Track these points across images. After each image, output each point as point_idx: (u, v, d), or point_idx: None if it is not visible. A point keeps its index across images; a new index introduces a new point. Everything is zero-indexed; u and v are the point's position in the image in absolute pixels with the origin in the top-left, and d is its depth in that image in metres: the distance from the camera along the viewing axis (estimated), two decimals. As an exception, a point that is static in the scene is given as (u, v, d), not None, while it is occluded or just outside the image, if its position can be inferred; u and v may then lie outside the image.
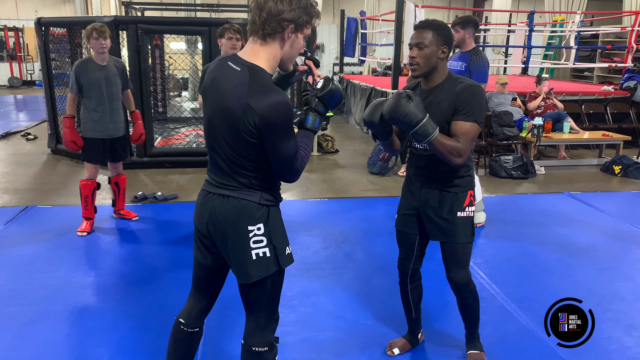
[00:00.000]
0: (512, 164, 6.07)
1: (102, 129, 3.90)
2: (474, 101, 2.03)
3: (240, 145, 1.60)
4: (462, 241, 2.21)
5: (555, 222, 4.49)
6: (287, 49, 1.63)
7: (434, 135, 1.97)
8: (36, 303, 2.93)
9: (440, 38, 2.05)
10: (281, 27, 1.57)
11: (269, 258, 1.69)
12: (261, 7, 1.55)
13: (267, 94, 1.53)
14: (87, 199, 3.96)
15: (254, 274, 1.69)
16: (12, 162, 6.45)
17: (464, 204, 2.19)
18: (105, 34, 3.71)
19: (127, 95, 4.12)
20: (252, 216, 1.67)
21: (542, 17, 13.24)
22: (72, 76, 3.79)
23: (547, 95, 7.05)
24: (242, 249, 1.68)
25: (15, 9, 16.71)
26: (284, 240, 1.75)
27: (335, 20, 15.94)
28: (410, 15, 7.59)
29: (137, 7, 10.83)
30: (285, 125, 1.56)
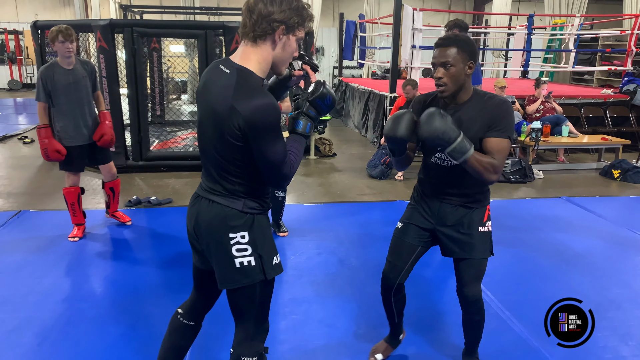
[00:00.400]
0: (510, 168, 6.02)
1: (77, 135, 3.77)
2: (508, 118, 2.01)
3: (227, 148, 1.58)
4: (480, 257, 2.17)
5: (553, 227, 4.44)
6: (278, 51, 1.60)
7: (470, 153, 1.91)
8: (23, 310, 2.89)
9: (465, 53, 1.97)
10: (271, 28, 1.55)
11: (254, 267, 1.67)
12: (251, 10, 1.55)
13: (253, 96, 1.51)
14: (74, 205, 3.90)
15: (237, 281, 1.67)
16: (8, 165, 6.42)
17: (484, 219, 2.17)
18: (72, 37, 3.56)
19: (97, 97, 3.94)
20: (234, 224, 1.65)
21: (543, 20, 13.21)
22: (38, 84, 3.64)
23: (545, 99, 7.01)
24: (224, 256, 1.66)
25: (15, 12, 16.74)
26: (271, 249, 1.72)
27: (335, 24, 15.92)
28: (409, 18, 7.55)
29: (135, 10, 10.81)
30: (271, 128, 1.53)
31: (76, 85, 3.71)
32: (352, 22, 11.59)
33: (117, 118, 5.98)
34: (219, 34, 5.97)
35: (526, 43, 9.19)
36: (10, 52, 16.58)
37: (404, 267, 2.26)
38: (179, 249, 3.76)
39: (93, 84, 3.88)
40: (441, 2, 18.18)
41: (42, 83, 3.63)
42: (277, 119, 1.55)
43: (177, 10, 12.06)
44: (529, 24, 8.95)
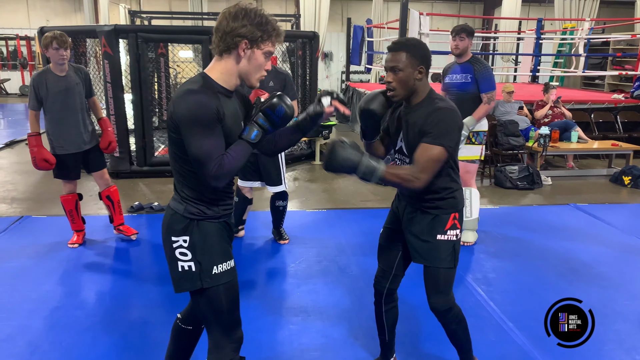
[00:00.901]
0: (517, 174, 5.92)
1: (70, 142, 3.67)
2: (442, 125, 1.91)
3: (172, 146, 1.67)
4: (441, 266, 2.08)
5: (560, 235, 4.34)
6: (244, 64, 1.67)
7: (380, 171, 1.85)
8: (17, 318, 2.86)
9: (415, 58, 1.94)
10: (234, 43, 1.63)
11: (193, 272, 1.71)
12: (217, 27, 1.65)
13: (186, 89, 1.60)
14: (72, 212, 3.86)
15: (179, 285, 1.75)
16: (14, 170, 6.45)
17: (445, 226, 2.07)
18: (66, 44, 3.49)
19: (93, 103, 3.86)
20: (176, 227, 1.72)
21: (553, 24, 13.08)
22: (30, 91, 3.57)
23: (554, 104, 6.91)
24: (170, 259, 1.75)
25: (27, 18, 16.92)
26: (213, 258, 1.72)
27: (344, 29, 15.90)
28: (415, 23, 7.51)
29: (144, 16, 10.87)
30: (195, 121, 1.57)
31: (69, 92, 3.62)
32: (359, 27, 11.56)
33: (122, 123, 6.00)
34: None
35: (535, 47, 9.08)
36: (22, 58, 16.78)
37: (392, 271, 2.25)
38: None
39: (88, 90, 3.79)
40: (450, 7, 18.11)
41: (34, 90, 3.55)
42: (202, 113, 1.57)
43: (185, 16, 12.11)
44: (537, 28, 8.85)
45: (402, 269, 2.27)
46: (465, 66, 3.92)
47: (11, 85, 16.82)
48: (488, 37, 13.04)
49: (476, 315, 2.97)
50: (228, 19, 1.62)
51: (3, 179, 6.00)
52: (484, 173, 6.40)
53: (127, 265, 3.70)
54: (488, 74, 3.87)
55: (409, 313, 2.91)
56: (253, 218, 4.39)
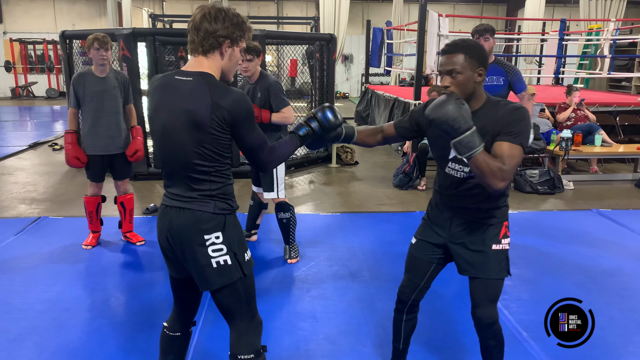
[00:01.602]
0: (538, 179, 5.78)
1: (99, 144, 3.72)
2: (522, 123, 1.82)
3: (203, 145, 1.67)
4: (495, 276, 2.00)
5: (581, 242, 4.20)
6: (226, 61, 1.76)
7: (479, 150, 1.73)
8: (27, 318, 2.88)
9: (474, 60, 1.83)
10: (218, 43, 1.71)
11: (230, 266, 1.75)
12: (197, 28, 1.70)
13: (229, 91, 1.68)
14: (92, 214, 3.90)
15: (215, 281, 1.76)
16: (35, 172, 6.56)
17: (499, 235, 2.00)
18: (107, 45, 3.58)
19: (129, 110, 3.91)
20: (207, 226, 1.73)
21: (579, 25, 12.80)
22: (70, 89, 3.69)
23: (577, 107, 6.73)
24: (202, 258, 1.74)
25: (54, 22, 17.33)
26: (243, 247, 1.81)
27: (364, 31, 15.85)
28: (434, 25, 7.41)
29: (165, 19, 11.00)
30: (248, 115, 1.71)
31: (106, 94, 3.69)
32: (379, 29, 11.49)
33: (140, 125, 6.03)
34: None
35: (558, 49, 8.88)
36: (48, 61, 17.18)
37: (420, 283, 2.17)
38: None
39: (125, 96, 3.85)
40: (473, 9, 17.90)
41: (73, 89, 3.65)
42: (252, 109, 1.73)
43: (206, 19, 12.21)
44: (560, 29, 8.65)
45: (430, 281, 2.19)
46: (494, 68, 3.81)
47: (38, 88, 17.23)
48: (511, 38, 12.82)
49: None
50: (210, 20, 1.68)
51: (24, 180, 6.11)
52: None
53: (138, 267, 3.70)
54: (520, 74, 3.85)
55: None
56: (266, 222, 4.37)
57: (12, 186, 5.84)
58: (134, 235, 4.11)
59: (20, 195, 5.45)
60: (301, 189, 5.96)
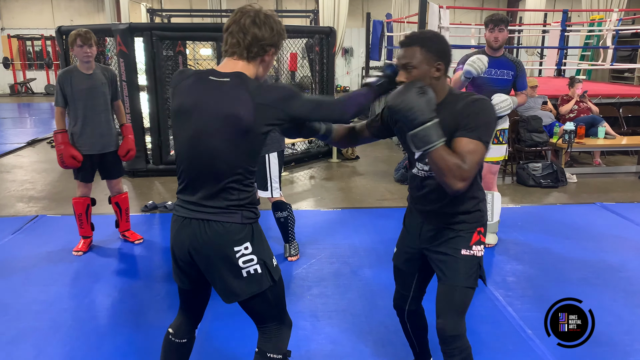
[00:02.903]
0: (541, 172, 5.72)
1: (89, 143, 3.59)
2: (480, 116, 1.67)
3: (240, 152, 1.62)
4: (461, 283, 1.82)
5: (585, 236, 4.15)
6: (264, 67, 1.72)
7: (436, 145, 1.59)
8: (24, 319, 2.84)
9: (431, 53, 1.69)
10: (264, 50, 1.68)
11: (261, 274, 1.71)
12: (245, 32, 1.64)
13: (268, 88, 1.64)
14: (81, 217, 3.77)
15: (246, 291, 1.71)
16: (33, 169, 6.52)
17: (470, 242, 1.84)
18: (91, 41, 3.43)
19: (117, 107, 3.79)
20: (237, 237, 1.67)
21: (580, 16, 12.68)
22: (56, 88, 3.54)
23: (580, 99, 6.65)
24: (231, 270, 1.68)
25: (52, 18, 17.21)
26: (270, 253, 1.78)
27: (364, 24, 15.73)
28: (435, 16, 7.33)
29: (163, 14, 10.91)
30: (292, 93, 1.65)
31: (94, 92, 3.57)
32: (379, 21, 11.39)
33: (138, 122, 5.99)
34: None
35: (560, 40, 8.78)
36: (47, 57, 17.08)
37: (409, 294, 2.08)
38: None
39: (113, 92, 3.73)
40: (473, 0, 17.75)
41: (59, 87, 3.52)
42: (290, 87, 1.71)
43: (204, 14, 12.12)
44: (562, 20, 8.55)
45: (420, 290, 2.09)
46: (503, 61, 3.69)
47: (37, 85, 17.15)
48: (512, 30, 12.70)
49: (493, 322, 2.84)
50: (259, 26, 1.64)
51: (22, 178, 6.06)
52: (505, 170, 6.20)
53: (136, 267, 3.66)
54: (525, 72, 3.77)
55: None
56: (264, 219, 4.30)
57: (10, 184, 5.79)
58: (132, 234, 4.05)
59: (18, 193, 5.41)
60: (302, 184, 5.91)
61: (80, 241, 3.84)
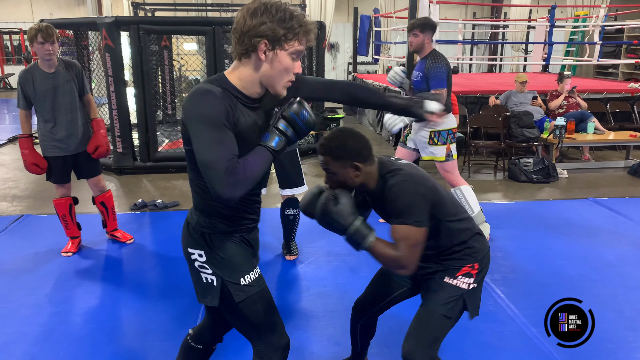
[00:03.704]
0: (532, 167, 5.73)
1: (60, 145, 3.39)
2: (398, 202, 1.67)
3: (185, 149, 1.52)
4: (436, 309, 1.80)
5: (580, 232, 4.15)
6: (266, 68, 1.43)
7: (368, 241, 1.62)
8: (13, 324, 2.72)
9: (341, 160, 1.68)
10: (252, 44, 1.40)
11: (215, 287, 1.60)
12: (234, 29, 1.43)
13: (197, 87, 1.42)
14: (66, 217, 3.62)
15: (204, 297, 1.64)
16: (15, 167, 6.32)
17: (457, 272, 1.83)
18: (53, 38, 3.17)
19: (87, 101, 3.53)
20: (191, 239, 1.63)
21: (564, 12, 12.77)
22: (17, 89, 3.29)
23: (569, 94, 6.68)
24: (193, 270, 1.65)
25: (30, 11, 16.80)
26: (237, 271, 1.60)
27: (350, 19, 15.67)
28: (425, 11, 7.27)
29: (147, 8, 10.69)
30: (199, 116, 1.36)
31: (59, 90, 3.32)
32: (366, 16, 11.33)
33: (125, 118, 5.85)
34: (227, 30, 5.78)
35: (549, 36, 8.82)
36: (25, 52, 16.67)
37: (376, 306, 2.12)
38: (181, 258, 3.56)
39: (81, 87, 3.47)
40: (459, -5, 17.75)
41: (20, 89, 3.27)
42: (211, 112, 1.36)
43: (189, 7, 11.92)
44: (551, 16, 8.59)
45: (387, 307, 2.12)
46: (421, 63, 3.80)
47: (15, 80, 16.72)
48: (497, 25, 12.76)
49: (497, 320, 2.80)
50: (246, 17, 1.39)
51: (4, 176, 5.88)
52: (497, 166, 6.21)
53: (128, 268, 3.54)
54: (438, 71, 3.67)
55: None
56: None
57: (-8, 182, 5.61)
58: (123, 234, 3.92)
59: (1, 192, 5.23)
60: (293, 181, 5.82)
61: (68, 242, 3.71)
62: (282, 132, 1.45)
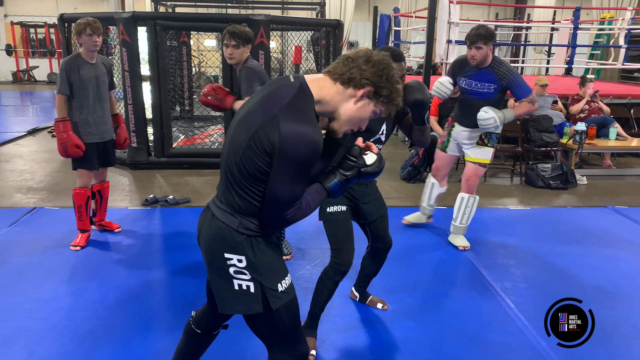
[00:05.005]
0: (550, 173, 5.59)
1: (95, 131, 3.62)
2: None
3: (248, 156, 1.44)
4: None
5: (597, 241, 4.02)
6: (352, 108, 1.48)
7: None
8: (16, 319, 2.72)
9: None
10: (359, 83, 1.45)
11: (252, 294, 1.54)
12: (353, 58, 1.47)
13: (301, 120, 1.40)
14: (81, 208, 3.68)
15: (233, 306, 1.57)
16: (32, 159, 6.40)
17: None
18: (100, 31, 3.44)
19: (111, 97, 3.82)
20: (229, 244, 1.53)
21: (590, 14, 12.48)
22: (61, 75, 3.45)
23: (591, 98, 6.51)
24: (221, 276, 1.56)
25: (55, 6, 17.05)
26: (275, 276, 1.58)
27: (370, 18, 15.55)
28: (445, 11, 7.17)
29: (168, 3, 10.73)
30: (297, 161, 1.40)
31: (98, 81, 3.59)
32: (386, 15, 11.24)
33: (140, 113, 5.87)
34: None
35: (572, 38, 8.61)
36: (50, 45, 16.93)
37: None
38: (190, 255, 3.56)
39: (110, 82, 3.77)
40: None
41: (65, 74, 3.45)
42: (311, 158, 1.41)
43: (209, 4, 11.95)
44: (575, 18, 8.38)
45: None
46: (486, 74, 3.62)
47: (39, 73, 17.01)
48: (520, 27, 12.53)
49: (507, 332, 2.72)
50: (371, 61, 1.45)
51: (21, 168, 5.95)
52: (514, 171, 6.08)
53: (135, 263, 3.52)
54: (517, 76, 3.58)
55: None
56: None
57: (9, 174, 5.68)
58: (110, 224, 4.02)
59: (17, 184, 5.29)
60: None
61: (78, 235, 3.74)
62: (346, 178, 1.56)
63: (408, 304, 3.00)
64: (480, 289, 3.19)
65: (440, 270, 3.56)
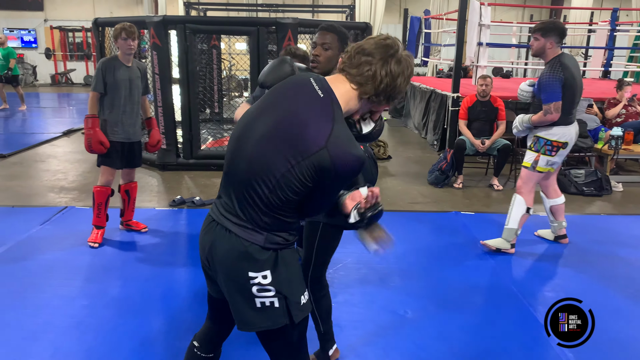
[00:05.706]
0: (584, 179, 5.42)
1: (123, 131, 3.73)
2: None
3: (283, 181, 1.39)
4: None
5: (631, 251, 3.88)
6: (365, 104, 1.51)
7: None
8: (43, 315, 2.80)
9: None
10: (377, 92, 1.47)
11: (277, 309, 1.49)
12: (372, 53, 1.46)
13: (349, 144, 1.39)
14: (101, 206, 3.79)
15: (256, 323, 1.51)
16: (66, 160, 6.58)
17: None
18: (134, 35, 3.58)
19: (144, 101, 3.95)
20: (254, 261, 1.46)
21: (629, 15, 12.10)
22: (97, 74, 3.62)
23: (629, 102, 6.29)
24: (243, 295, 1.48)
25: (92, 10, 17.54)
26: (298, 288, 1.53)
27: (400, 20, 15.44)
28: (475, 13, 7.06)
29: (199, 7, 10.92)
30: (348, 178, 1.43)
31: (131, 83, 3.72)
32: (416, 18, 11.14)
33: (169, 116, 5.97)
34: (271, 31, 5.79)
35: (609, 40, 8.35)
36: (87, 49, 17.44)
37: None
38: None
39: (145, 86, 3.90)
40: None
41: (101, 73, 3.61)
42: (358, 172, 1.43)
43: (240, 8, 12.09)
44: (612, 19, 8.13)
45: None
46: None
47: (76, 75, 17.53)
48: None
49: (535, 343, 2.64)
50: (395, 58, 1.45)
51: (55, 168, 6.13)
52: (545, 176, 5.91)
53: (160, 263, 3.57)
54: (548, 81, 3.44)
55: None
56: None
57: (43, 173, 5.86)
58: (137, 224, 4.10)
59: (50, 183, 5.45)
60: (331, 183, 5.77)
61: (94, 231, 3.84)
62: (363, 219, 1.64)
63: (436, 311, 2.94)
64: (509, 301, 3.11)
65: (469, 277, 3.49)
